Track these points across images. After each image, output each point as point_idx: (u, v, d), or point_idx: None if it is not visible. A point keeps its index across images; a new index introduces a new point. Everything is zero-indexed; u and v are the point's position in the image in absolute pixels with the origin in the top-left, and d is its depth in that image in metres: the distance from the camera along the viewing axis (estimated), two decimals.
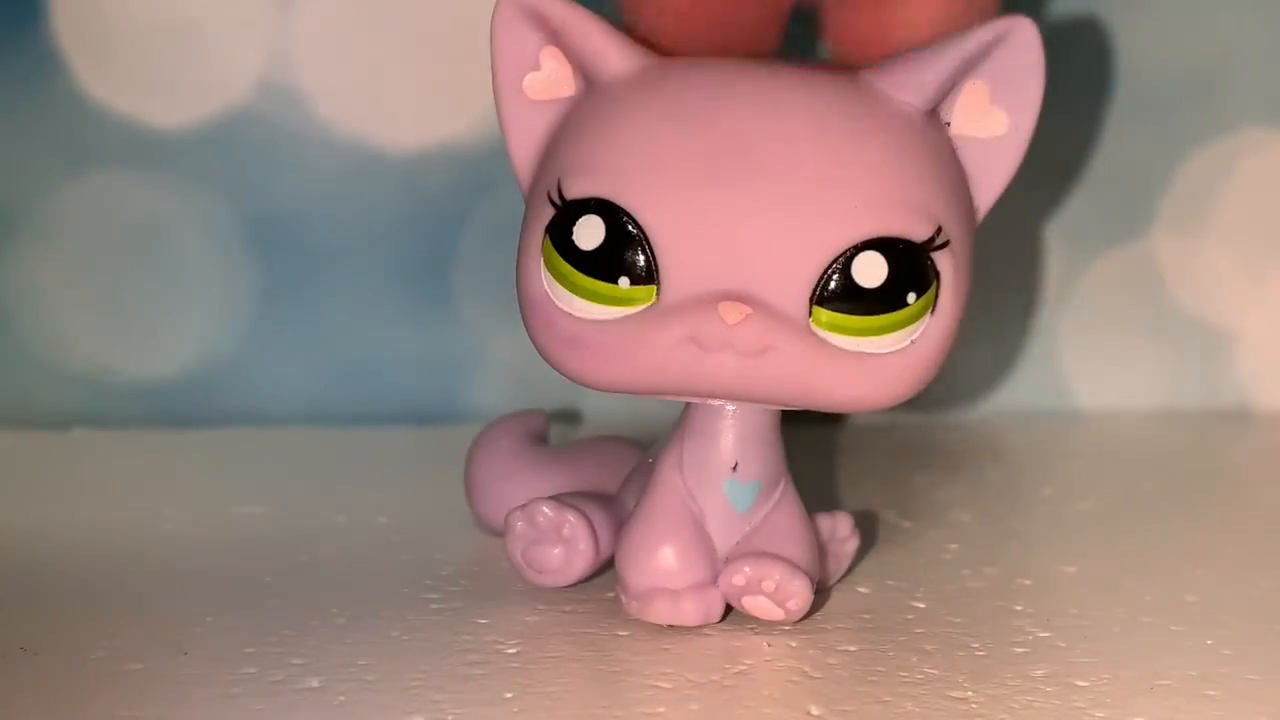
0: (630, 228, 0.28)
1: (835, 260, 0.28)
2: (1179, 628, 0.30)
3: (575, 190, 0.28)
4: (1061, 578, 0.33)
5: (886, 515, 0.37)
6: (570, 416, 0.45)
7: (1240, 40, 0.46)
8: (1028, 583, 0.32)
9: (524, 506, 0.31)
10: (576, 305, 0.28)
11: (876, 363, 0.28)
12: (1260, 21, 0.46)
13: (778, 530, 0.30)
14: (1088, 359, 0.47)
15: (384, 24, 0.44)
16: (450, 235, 0.45)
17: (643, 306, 0.28)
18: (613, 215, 0.28)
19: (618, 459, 0.34)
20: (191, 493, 0.39)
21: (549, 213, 0.28)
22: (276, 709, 0.26)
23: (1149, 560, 0.34)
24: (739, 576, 0.29)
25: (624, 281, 0.28)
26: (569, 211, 0.28)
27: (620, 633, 0.29)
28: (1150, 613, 0.30)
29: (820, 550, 0.30)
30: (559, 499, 0.31)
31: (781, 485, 0.30)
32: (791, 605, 0.29)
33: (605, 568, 0.31)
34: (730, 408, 0.29)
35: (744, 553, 0.29)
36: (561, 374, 0.29)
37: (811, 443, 0.44)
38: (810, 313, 0.28)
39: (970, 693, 0.26)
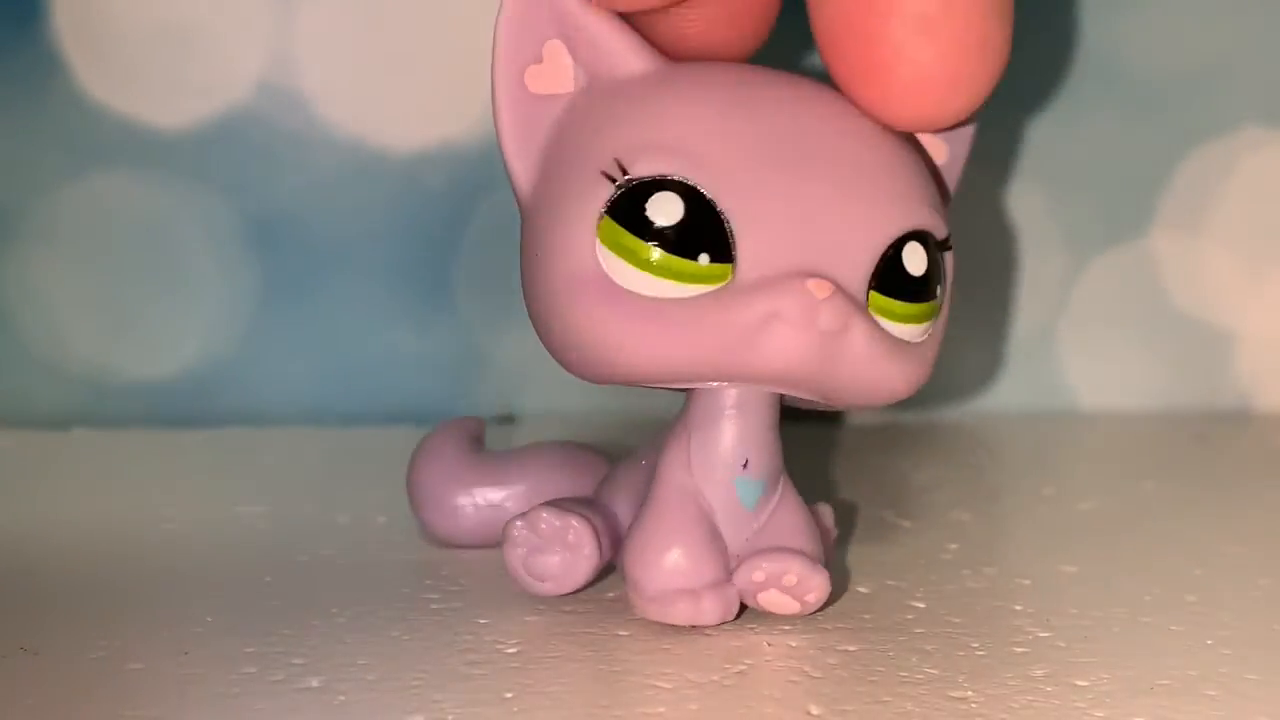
0: (711, 205, 0.28)
1: (890, 246, 0.29)
2: (1179, 628, 0.30)
3: (645, 169, 0.28)
4: (1061, 578, 0.33)
5: (886, 515, 0.37)
6: (569, 417, 0.45)
7: (1240, 40, 0.46)
8: (1027, 583, 0.32)
9: (525, 514, 0.30)
10: (644, 283, 0.28)
11: (907, 351, 0.29)
12: (1260, 21, 0.46)
13: (785, 525, 0.30)
14: (1088, 359, 0.47)
15: (384, 24, 0.44)
16: (450, 235, 0.45)
17: (718, 285, 0.28)
18: (689, 193, 0.28)
19: (571, 462, 0.34)
20: (191, 493, 0.39)
21: (604, 191, 0.28)
22: (276, 709, 0.26)
23: (1149, 560, 0.34)
24: (759, 573, 0.29)
25: (704, 258, 0.28)
26: (639, 189, 0.28)
27: (620, 633, 0.29)
28: (1150, 613, 0.30)
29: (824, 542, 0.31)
30: (559, 505, 0.31)
31: (782, 481, 0.30)
32: (811, 598, 0.29)
33: (602, 574, 0.31)
34: (734, 407, 0.29)
35: (760, 549, 0.29)
36: (601, 359, 0.28)
37: (811, 442, 0.44)
38: (867, 296, 0.28)
39: (970, 693, 0.26)
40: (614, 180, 0.28)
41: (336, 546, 0.34)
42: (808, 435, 0.44)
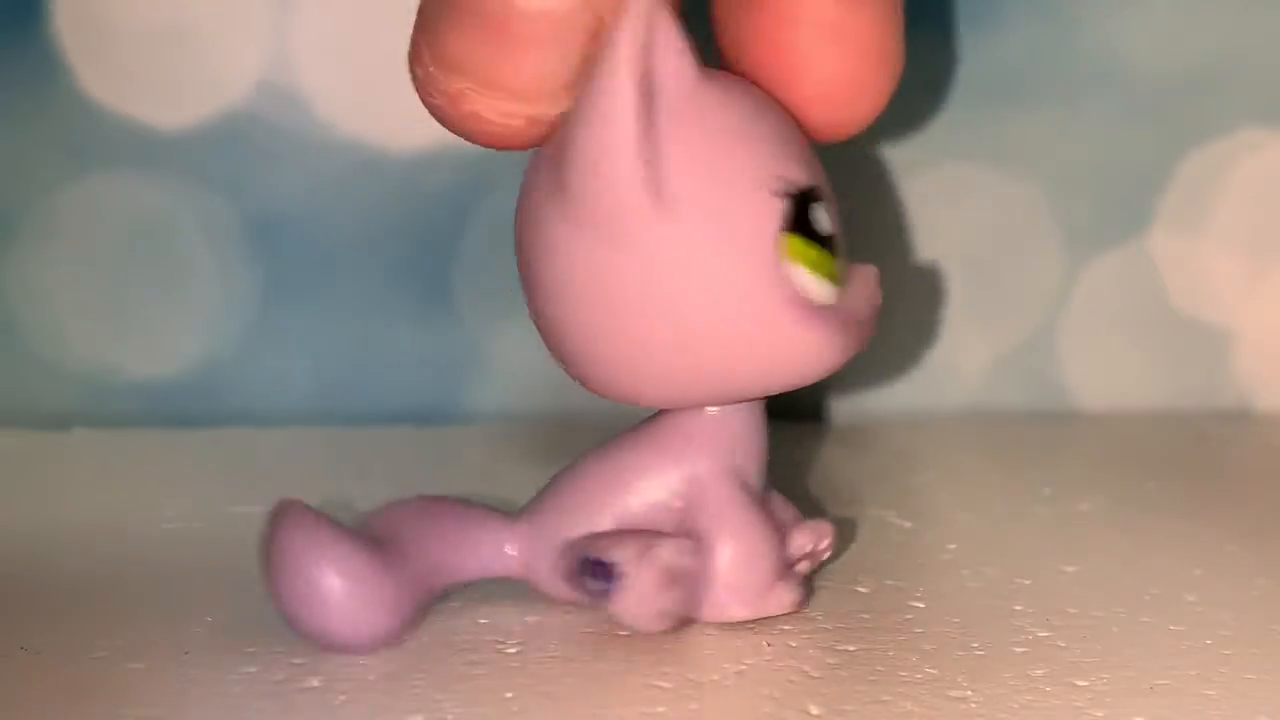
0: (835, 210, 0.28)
1: None
2: (1179, 628, 0.30)
3: (799, 181, 0.28)
4: (1061, 577, 0.33)
5: (886, 515, 0.37)
6: (568, 418, 0.45)
7: (1240, 40, 0.46)
8: (1027, 582, 0.32)
9: (643, 556, 0.28)
10: (825, 290, 0.28)
11: None
12: (1260, 21, 0.46)
13: (779, 501, 0.31)
14: (1088, 359, 0.47)
15: (384, 24, 0.44)
16: (450, 235, 0.45)
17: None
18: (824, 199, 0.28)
19: (454, 518, 0.30)
20: (191, 493, 0.39)
21: (776, 206, 0.27)
22: (277, 709, 0.26)
23: (1149, 560, 0.34)
24: (810, 542, 0.30)
25: (842, 262, 0.29)
26: (802, 201, 0.28)
27: (620, 633, 0.29)
28: (1150, 613, 0.30)
29: None
30: (652, 535, 0.28)
31: None
32: (825, 556, 0.31)
33: None
34: (758, 403, 0.30)
35: (798, 524, 0.30)
36: (769, 378, 0.28)
37: (810, 441, 0.44)
38: None
39: (969, 692, 0.26)
40: (784, 195, 0.27)
41: None
42: (807, 435, 0.44)
